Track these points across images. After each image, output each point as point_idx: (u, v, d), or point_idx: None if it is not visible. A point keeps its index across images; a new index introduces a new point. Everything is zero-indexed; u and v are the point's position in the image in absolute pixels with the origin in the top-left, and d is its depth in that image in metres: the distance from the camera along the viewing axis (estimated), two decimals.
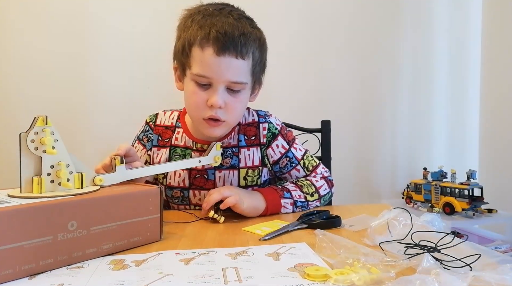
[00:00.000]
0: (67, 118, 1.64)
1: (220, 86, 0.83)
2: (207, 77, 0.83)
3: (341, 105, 1.93)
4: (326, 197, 0.99)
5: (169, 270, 0.54)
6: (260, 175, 0.97)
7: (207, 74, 0.83)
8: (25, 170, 0.60)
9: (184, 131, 0.97)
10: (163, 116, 1.01)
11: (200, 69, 0.83)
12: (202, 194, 0.95)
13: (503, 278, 0.48)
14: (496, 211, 1.78)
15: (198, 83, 0.85)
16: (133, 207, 0.64)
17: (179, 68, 0.90)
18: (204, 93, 0.84)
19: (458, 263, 0.53)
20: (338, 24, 1.91)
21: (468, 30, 2.13)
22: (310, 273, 0.50)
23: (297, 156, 0.98)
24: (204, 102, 0.84)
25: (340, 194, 1.77)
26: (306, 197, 0.93)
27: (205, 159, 0.86)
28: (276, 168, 0.99)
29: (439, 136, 2.13)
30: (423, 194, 1.88)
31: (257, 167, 0.96)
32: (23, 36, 1.65)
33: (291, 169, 0.99)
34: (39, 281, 0.52)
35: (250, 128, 0.96)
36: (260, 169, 0.97)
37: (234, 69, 0.83)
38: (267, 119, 0.97)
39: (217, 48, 0.81)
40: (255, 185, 0.97)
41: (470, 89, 2.14)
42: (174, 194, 0.97)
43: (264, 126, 0.96)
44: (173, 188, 0.97)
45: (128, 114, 1.70)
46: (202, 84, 0.84)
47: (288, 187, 0.93)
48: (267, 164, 0.98)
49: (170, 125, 0.99)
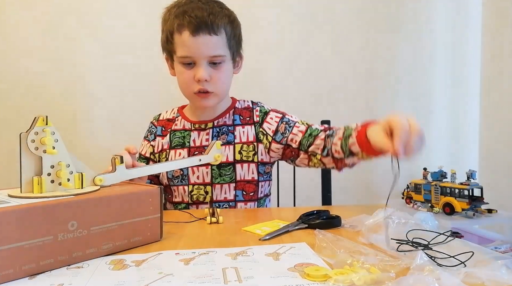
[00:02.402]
0: (67, 118, 1.64)
1: (202, 62, 0.95)
2: (189, 56, 0.95)
3: (341, 105, 1.93)
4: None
5: (169, 270, 0.54)
6: (255, 151, 1.02)
7: (189, 54, 0.95)
8: (25, 170, 0.60)
9: (182, 118, 1.08)
10: (165, 113, 1.14)
11: (182, 51, 0.95)
12: (201, 171, 1.02)
13: (495, 274, 0.48)
14: (496, 211, 1.78)
15: (184, 64, 0.96)
16: (133, 207, 0.64)
17: (168, 57, 1.03)
18: (190, 71, 0.96)
19: (451, 260, 0.54)
20: (339, 23, 1.91)
21: (468, 30, 2.13)
22: (310, 273, 0.50)
23: (293, 119, 1.04)
24: (192, 78, 0.96)
25: (340, 194, 1.78)
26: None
27: (205, 157, 0.86)
28: (278, 136, 1.01)
29: (439, 136, 2.13)
30: (423, 194, 1.88)
31: (252, 142, 1.02)
32: (23, 36, 1.65)
33: (291, 128, 1.01)
34: (39, 281, 0.52)
35: (245, 111, 1.06)
36: (255, 145, 1.02)
37: (211, 45, 0.94)
38: (259, 105, 1.08)
39: (192, 30, 0.92)
40: (250, 161, 1.02)
41: (470, 89, 2.14)
42: (174, 173, 1.03)
43: (256, 109, 1.07)
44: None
45: (128, 114, 1.70)
46: (187, 63, 0.96)
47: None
48: (262, 140, 1.02)
49: (171, 118, 1.11)
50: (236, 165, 1.01)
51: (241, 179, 1.01)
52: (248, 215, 0.91)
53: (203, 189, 1.01)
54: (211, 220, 0.80)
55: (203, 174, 1.01)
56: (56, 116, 0.77)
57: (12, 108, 1.64)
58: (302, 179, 1.46)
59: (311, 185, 1.49)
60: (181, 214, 0.90)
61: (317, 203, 1.34)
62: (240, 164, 1.01)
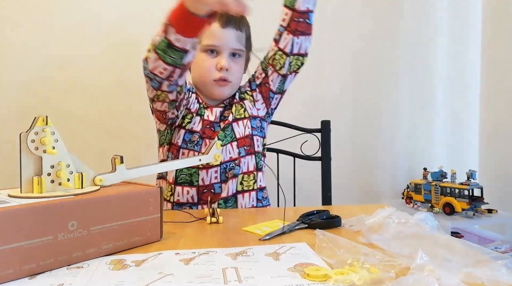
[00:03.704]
0: (67, 118, 1.64)
1: (226, 52, 1.04)
2: (216, 45, 1.04)
3: (341, 105, 1.93)
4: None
5: (169, 270, 0.54)
6: (244, 107, 1.10)
7: (215, 43, 1.04)
8: (25, 170, 0.60)
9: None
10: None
11: (209, 41, 1.03)
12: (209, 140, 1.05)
13: (495, 274, 0.48)
14: (496, 211, 1.78)
15: (207, 52, 1.05)
16: (133, 207, 0.64)
17: None
18: (213, 59, 1.05)
19: (451, 260, 0.54)
20: (338, 23, 1.91)
21: (468, 30, 2.13)
22: (310, 273, 0.50)
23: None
24: (214, 66, 1.04)
25: (340, 194, 1.78)
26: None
27: (205, 157, 0.86)
28: (252, 85, 1.14)
29: (439, 136, 2.13)
30: (423, 194, 1.88)
31: (238, 102, 1.11)
32: (22, 35, 1.65)
33: (255, 72, 1.14)
34: (39, 281, 0.52)
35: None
36: (243, 103, 1.11)
37: (236, 38, 1.05)
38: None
39: (222, 22, 1.02)
40: (243, 117, 1.09)
41: (470, 89, 2.14)
42: (192, 138, 1.05)
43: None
44: (193, 132, 1.05)
45: (128, 114, 1.70)
46: (210, 52, 1.05)
47: None
48: (245, 97, 1.12)
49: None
50: (232, 124, 1.07)
51: (240, 137, 1.07)
52: (248, 215, 0.91)
53: None
54: (211, 220, 0.80)
55: (211, 140, 1.03)
56: (56, 116, 0.77)
57: (12, 108, 1.64)
58: (302, 179, 1.45)
59: (311, 185, 1.49)
60: (181, 214, 0.90)
61: (317, 203, 1.34)
62: (235, 122, 1.08)
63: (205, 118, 1.06)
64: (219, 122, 1.07)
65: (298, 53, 1.07)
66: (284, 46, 1.06)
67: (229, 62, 1.04)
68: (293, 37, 1.05)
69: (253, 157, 1.09)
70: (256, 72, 1.14)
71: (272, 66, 1.09)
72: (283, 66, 1.08)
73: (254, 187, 1.08)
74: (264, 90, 1.12)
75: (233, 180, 1.05)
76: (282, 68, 1.08)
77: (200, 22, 0.79)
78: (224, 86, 1.06)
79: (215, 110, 1.08)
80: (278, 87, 1.11)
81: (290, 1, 1.04)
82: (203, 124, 1.06)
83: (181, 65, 0.88)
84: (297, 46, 1.06)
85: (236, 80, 1.09)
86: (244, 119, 1.09)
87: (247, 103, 1.11)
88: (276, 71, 1.09)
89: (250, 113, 1.10)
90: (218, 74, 1.04)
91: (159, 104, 0.98)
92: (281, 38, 1.06)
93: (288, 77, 1.10)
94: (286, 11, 1.05)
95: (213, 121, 1.07)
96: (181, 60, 0.86)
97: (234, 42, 1.05)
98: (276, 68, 1.08)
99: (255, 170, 1.09)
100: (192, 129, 1.05)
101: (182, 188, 1.04)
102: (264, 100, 1.13)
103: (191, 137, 1.05)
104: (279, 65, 1.08)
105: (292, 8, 1.04)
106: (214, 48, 1.04)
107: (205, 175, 1.03)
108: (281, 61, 1.07)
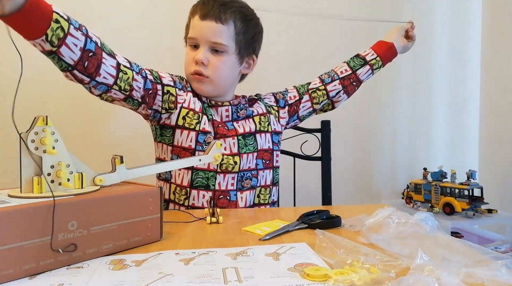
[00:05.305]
0: (67, 118, 1.64)
1: (204, 45, 1.00)
2: (194, 38, 1.01)
3: (341, 106, 1.93)
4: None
5: (169, 270, 0.54)
6: (269, 121, 1.10)
7: (193, 35, 1.01)
8: (25, 170, 0.60)
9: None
10: None
11: (191, 33, 1.02)
12: (227, 142, 1.03)
13: (495, 274, 0.48)
14: (496, 211, 1.78)
15: (190, 46, 1.03)
16: (133, 207, 0.64)
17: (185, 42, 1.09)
18: (193, 53, 1.02)
19: (451, 260, 0.54)
20: (338, 23, 1.91)
21: (468, 30, 2.13)
22: (310, 273, 0.50)
23: (283, 89, 1.19)
24: (192, 59, 1.01)
25: (340, 194, 1.78)
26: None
27: (205, 157, 0.86)
28: (281, 102, 1.15)
29: (439, 136, 2.13)
30: (423, 194, 1.88)
31: (265, 113, 1.10)
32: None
33: (286, 92, 1.18)
34: (39, 281, 0.52)
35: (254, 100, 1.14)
36: (268, 116, 1.11)
37: (214, 31, 0.99)
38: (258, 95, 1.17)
39: (201, 14, 0.99)
40: (266, 131, 1.09)
41: (470, 89, 2.14)
42: (207, 139, 1.02)
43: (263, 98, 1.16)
44: (206, 133, 1.01)
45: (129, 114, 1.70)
46: (193, 46, 1.02)
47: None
48: (271, 111, 1.12)
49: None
50: (256, 135, 1.06)
51: (261, 149, 1.07)
52: (248, 215, 0.91)
53: (231, 159, 1.02)
54: (211, 220, 0.80)
55: (230, 145, 1.03)
56: (56, 116, 0.77)
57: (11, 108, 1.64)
58: (302, 179, 1.45)
59: (311, 185, 1.49)
60: (181, 214, 0.90)
61: (317, 203, 1.34)
62: (259, 133, 1.07)
63: (214, 118, 1.04)
64: (232, 121, 1.06)
65: (333, 102, 1.21)
66: (330, 90, 1.17)
67: (207, 55, 1.00)
68: (342, 90, 1.18)
69: (271, 171, 1.09)
70: (289, 93, 1.17)
71: (309, 96, 1.17)
72: (319, 103, 1.17)
73: (269, 201, 1.09)
74: (292, 111, 1.16)
75: (251, 192, 1.05)
76: (317, 104, 1.18)
77: (9, 21, 0.71)
78: (200, 81, 1.01)
79: (220, 110, 1.05)
80: (303, 116, 1.18)
81: (354, 65, 1.20)
82: (213, 124, 1.03)
83: (69, 66, 0.80)
84: (338, 98, 1.20)
85: (217, 76, 1.01)
86: (268, 133, 1.09)
87: (272, 118, 1.11)
88: (311, 101, 1.16)
89: (273, 128, 1.10)
90: (194, 67, 1.01)
91: (118, 103, 0.97)
92: (331, 83, 1.18)
93: (313, 113, 1.20)
94: (348, 68, 1.19)
95: (225, 121, 1.05)
96: (59, 62, 0.79)
97: (213, 35, 0.99)
98: (314, 101, 1.17)
99: (272, 184, 1.09)
100: (204, 130, 1.02)
101: (198, 192, 1.01)
102: (287, 120, 1.16)
103: (205, 138, 1.03)
104: (317, 100, 1.17)
105: (354, 71, 1.19)
106: (194, 42, 1.01)
107: (222, 179, 1.01)
108: (320, 99, 1.17)
